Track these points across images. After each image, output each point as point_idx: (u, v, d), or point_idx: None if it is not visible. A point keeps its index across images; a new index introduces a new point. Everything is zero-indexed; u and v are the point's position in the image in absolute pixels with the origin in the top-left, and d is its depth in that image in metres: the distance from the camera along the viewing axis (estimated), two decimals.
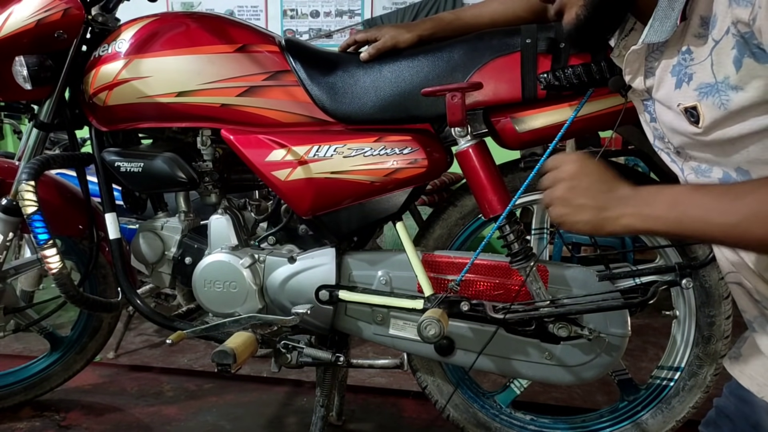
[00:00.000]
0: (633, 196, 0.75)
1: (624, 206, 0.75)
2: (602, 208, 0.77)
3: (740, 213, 0.66)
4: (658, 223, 0.73)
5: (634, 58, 0.83)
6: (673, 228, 0.72)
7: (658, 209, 0.73)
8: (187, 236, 1.44)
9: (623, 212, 0.75)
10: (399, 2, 3.42)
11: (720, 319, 1.29)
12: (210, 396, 1.86)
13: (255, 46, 1.29)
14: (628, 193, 0.76)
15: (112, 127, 1.39)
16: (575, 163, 0.80)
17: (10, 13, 1.32)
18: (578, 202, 0.78)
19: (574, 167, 0.80)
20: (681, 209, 0.71)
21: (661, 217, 0.72)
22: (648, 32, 0.76)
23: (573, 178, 0.79)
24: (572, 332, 1.20)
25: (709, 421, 0.89)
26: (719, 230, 0.68)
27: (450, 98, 1.12)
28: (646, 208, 0.74)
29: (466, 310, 1.24)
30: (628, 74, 0.86)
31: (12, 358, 2.08)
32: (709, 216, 0.68)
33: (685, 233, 0.72)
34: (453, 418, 1.45)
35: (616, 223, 0.76)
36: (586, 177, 0.79)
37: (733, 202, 0.67)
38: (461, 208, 1.37)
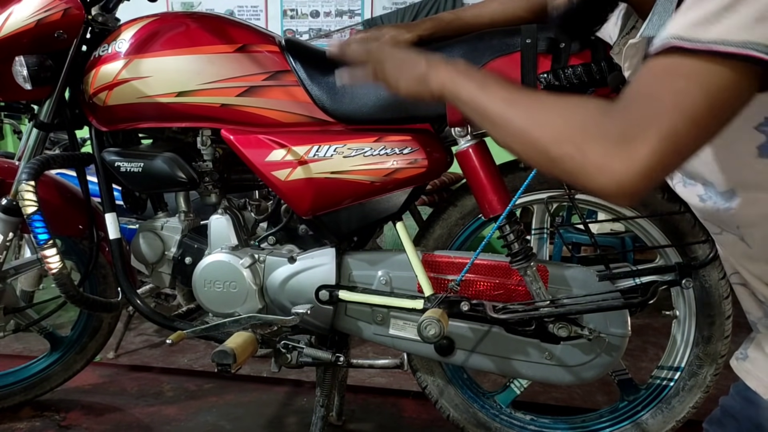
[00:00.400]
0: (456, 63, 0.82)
1: (445, 66, 0.82)
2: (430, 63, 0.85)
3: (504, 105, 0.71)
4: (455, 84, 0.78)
5: (633, 52, 0.83)
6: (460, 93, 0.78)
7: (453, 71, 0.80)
8: (187, 236, 1.44)
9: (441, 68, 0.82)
10: (399, 2, 3.42)
11: (720, 319, 1.29)
12: (210, 396, 1.86)
13: (255, 46, 1.29)
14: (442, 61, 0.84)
15: (112, 127, 1.39)
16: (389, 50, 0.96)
17: (10, 13, 1.32)
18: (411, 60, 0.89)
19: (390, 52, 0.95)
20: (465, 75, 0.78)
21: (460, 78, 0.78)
22: (647, 26, 0.76)
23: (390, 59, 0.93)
24: (572, 332, 1.20)
25: (713, 420, 0.89)
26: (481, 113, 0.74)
27: None
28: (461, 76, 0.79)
29: (466, 310, 1.24)
30: (628, 69, 0.86)
31: (12, 358, 2.08)
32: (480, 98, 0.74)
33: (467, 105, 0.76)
34: (453, 418, 1.45)
35: (437, 76, 0.82)
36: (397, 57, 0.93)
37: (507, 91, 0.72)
38: (461, 208, 1.37)
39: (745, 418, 0.83)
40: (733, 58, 0.57)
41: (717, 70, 0.58)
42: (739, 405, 0.84)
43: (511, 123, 0.69)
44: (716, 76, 0.58)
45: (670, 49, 0.60)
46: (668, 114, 0.59)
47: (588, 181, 0.63)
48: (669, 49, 0.60)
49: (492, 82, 0.75)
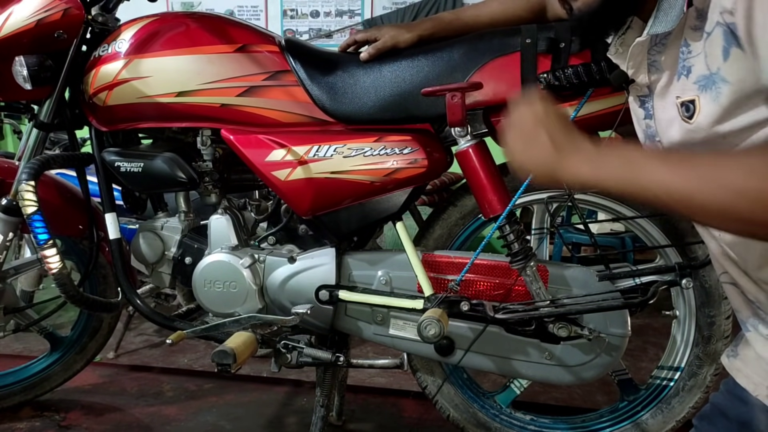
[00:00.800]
0: (590, 147, 0.73)
1: (579, 153, 0.72)
2: (560, 149, 0.73)
3: (697, 181, 0.63)
4: (610, 177, 0.70)
5: (638, 50, 0.82)
6: (625, 185, 0.69)
7: (612, 163, 0.70)
8: (187, 236, 1.44)
9: (578, 158, 0.72)
10: (399, 2, 3.42)
11: (720, 319, 1.29)
12: (210, 396, 1.86)
13: (255, 46, 1.29)
14: (586, 143, 0.73)
15: (112, 127, 1.39)
16: (542, 105, 0.78)
17: (10, 13, 1.32)
18: (540, 138, 0.75)
19: (542, 108, 0.77)
20: (636, 167, 0.68)
21: (614, 172, 0.69)
22: (653, 23, 0.76)
23: (541, 120, 0.76)
24: (572, 332, 1.19)
25: (703, 416, 0.89)
26: (673, 195, 0.65)
27: (450, 98, 1.12)
28: (601, 159, 0.71)
29: (466, 310, 1.24)
30: (631, 68, 0.85)
31: (12, 358, 2.08)
32: (665, 179, 0.65)
33: (636, 193, 0.68)
34: (453, 418, 1.45)
35: (568, 168, 0.73)
36: (552, 118, 0.76)
37: (691, 169, 0.64)
38: (461, 208, 1.37)
39: (734, 415, 0.83)
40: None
41: None
42: (728, 402, 0.85)
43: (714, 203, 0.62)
44: None
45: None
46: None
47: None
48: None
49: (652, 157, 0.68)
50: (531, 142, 0.76)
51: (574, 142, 0.74)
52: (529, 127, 0.77)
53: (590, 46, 1.11)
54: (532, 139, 0.76)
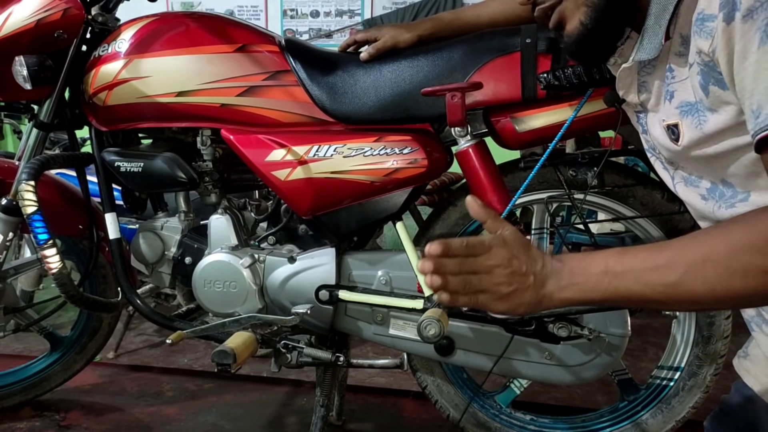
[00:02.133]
0: (563, 269, 0.71)
1: (558, 280, 0.70)
2: (540, 285, 0.71)
3: (677, 271, 0.63)
4: (594, 293, 0.69)
5: (626, 74, 0.84)
6: (611, 295, 0.68)
7: (591, 279, 0.69)
8: (187, 236, 1.44)
9: (558, 286, 0.70)
10: (399, 2, 3.42)
11: (720, 319, 1.29)
12: (210, 396, 1.86)
13: (255, 46, 1.29)
14: (557, 266, 0.71)
15: (112, 127, 1.39)
16: (503, 248, 0.72)
17: (10, 13, 1.32)
18: (520, 285, 0.71)
19: (504, 252, 0.71)
20: (613, 274, 0.67)
21: (596, 287, 0.68)
22: (638, 50, 0.77)
23: (509, 263, 0.71)
24: (572, 332, 1.20)
25: (713, 417, 0.90)
26: (658, 291, 0.65)
27: (450, 98, 1.12)
28: (579, 279, 0.69)
29: (466, 310, 1.24)
30: (621, 89, 0.87)
31: (12, 358, 2.08)
32: (644, 277, 0.65)
33: (623, 298, 0.68)
34: (453, 418, 1.45)
35: (553, 299, 0.71)
36: (518, 259, 0.71)
37: (667, 260, 0.64)
38: (461, 208, 1.37)
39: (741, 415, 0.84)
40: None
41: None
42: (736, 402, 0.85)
43: (704, 292, 0.61)
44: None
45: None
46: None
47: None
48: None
49: (640, 252, 0.67)
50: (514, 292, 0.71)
51: (547, 271, 0.71)
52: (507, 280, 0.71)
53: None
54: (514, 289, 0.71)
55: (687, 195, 0.83)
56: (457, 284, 0.72)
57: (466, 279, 0.71)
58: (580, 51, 0.83)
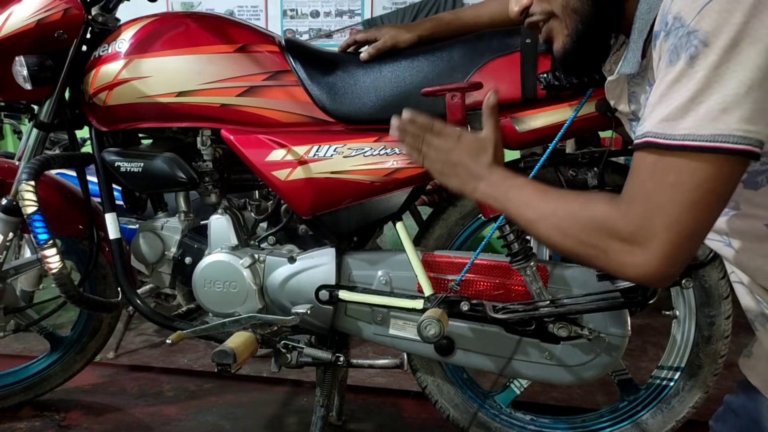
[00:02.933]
0: (489, 176, 0.93)
1: (479, 182, 0.94)
2: (466, 180, 0.96)
3: (534, 213, 0.82)
4: (495, 203, 0.91)
5: (614, 85, 0.86)
6: (499, 209, 0.93)
7: (497, 193, 0.90)
8: (187, 236, 1.44)
9: (477, 187, 0.94)
10: (399, 2, 3.42)
11: (720, 319, 1.29)
12: (210, 396, 1.86)
13: (255, 46, 1.29)
14: (486, 172, 0.94)
15: (112, 127, 1.39)
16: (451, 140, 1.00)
17: (10, 13, 1.32)
18: (449, 171, 0.99)
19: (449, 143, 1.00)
20: (507, 197, 0.88)
21: (497, 198, 0.90)
22: (623, 63, 0.79)
23: (448, 153, 0.99)
24: (572, 332, 1.20)
25: (718, 416, 0.91)
26: (522, 221, 0.85)
27: (450, 98, 1.12)
28: (492, 188, 0.92)
29: (466, 310, 1.24)
30: (611, 99, 0.89)
31: (12, 358, 2.08)
32: (519, 208, 0.85)
33: (509, 216, 0.90)
34: (453, 418, 1.45)
35: (474, 192, 0.95)
36: (456, 153, 0.98)
37: (535, 203, 0.83)
38: (461, 208, 1.37)
39: (745, 414, 0.84)
40: (707, 151, 0.61)
41: (698, 163, 0.63)
42: (740, 401, 0.85)
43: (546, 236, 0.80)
44: (699, 168, 0.63)
45: (651, 144, 0.65)
46: (668, 207, 0.65)
47: (620, 274, 0.72)
48: (649, 143, 0.66)
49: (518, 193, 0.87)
50: (445, 171, 1.00)
51: (480, 170, 0.95)
52: (450, 156, 0.99)
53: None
54: (447, 169, 1.00)
55: None
56: (410, 142, 1.05)
57: (420, 143, 1.03)
58: (568, 66, 0.94)
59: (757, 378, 0.82)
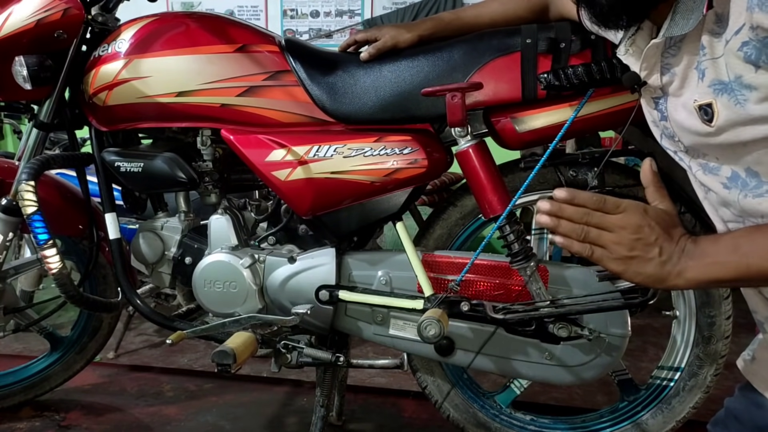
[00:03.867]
0: (694, 249, 0.72)
1: (686, 259, 0.72)
2: (666, 261, 0.72)
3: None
4: (722, 270, 0.70)
5: (653, 53, 0.81)
6: (739, 273, 0.69)
7: (720, 256, 0.70)
8: (187, 236, 1.44)
9: (686, 265, 0.72)
10: (399, 2, 3.42)
11: (720, 320, 1.29)
12: (210, 396, 1.86)
13: (255, 46, 1.29)
14: (689, 246, 0.73)
15: (112, 127, 1.38)
16: (638, 214, 0.74)
17: (10, 13, 1.32)
18: (643, 254, 0.73)
19: (638, 218, 0.74)
20: (743, 251, 0.68)
21: (725, 263, 0.70)
22: (669, 26, 0.75)
23: (638, 230, 0.73)
24: (572, 332, 1.19)
25: (717, 421, 0.88)
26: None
27: (450, 98, 1.12)
28: (708, 258, 0.71)
29: (466, 311, 1.24)
30: (645, 69, 0.83)
31: (12, 358, 2.08)
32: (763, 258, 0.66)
33: (753, 276, 0.69)
34: (453, 418, 1.45)
35: (679, 277, 0.72)
36: (653, 231, 0.73)
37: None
38: (461, 208, 1.37)
39: (749, 420, 0.82)
40: None
41: None
42: (743, 406, 0.84)
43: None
44: None
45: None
46: None
47: None
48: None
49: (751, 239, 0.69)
50: (639, 260, 0.73)
51: (678, 248, 0.73)
52: (633, 245, 0.73)
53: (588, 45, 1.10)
54: (639, 256, 0.73)
55: (708, 182, 0.80)
56: (570, 230, 0.74)
57: (585, 229, 0.74)
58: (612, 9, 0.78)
59: (761, 383, 0.81)
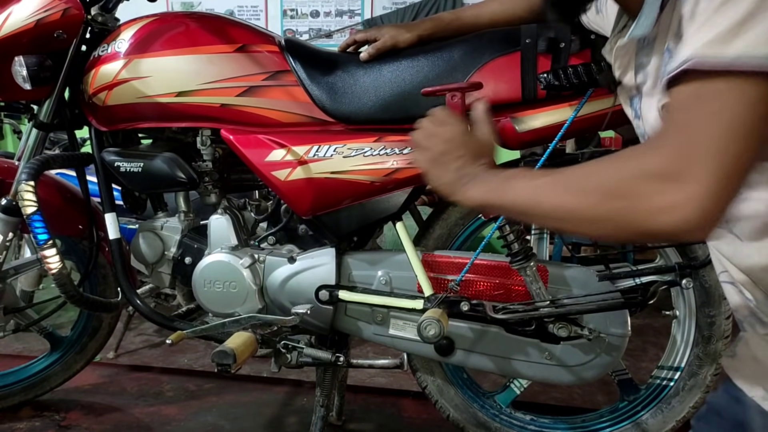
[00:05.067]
0: (484, 174, 0.81)
1: (476, 181, 0.81)
2: (461, 177, 0.83)
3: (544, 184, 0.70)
4: (492, 196, 0.77)
5: (623, 53, 0.83)
6: (504, 201, 0.76)
7: (494, 183, 0.78)
8: (187, 236, 1.44)
9: (472, 185, 0.81)
10: (399, 2, 3.42)
11: (720, 319, 1.29)
12: (210, 396, 1.86)
13: (255, 46, 1.29)
14: (482, 171, 0.82)
15: (112, 127, 1.38)
16: (453, 129, 0.89)
17: (10, 13, 1.32)
18: (446, 164, 0.85)
19: (452, 132, 0.88)
20: (513, 184, 0.75)
21: (495, 189, 0.77)
22: (636, 26, 0.76)
23: (449, 141, 0.87)
24: (572, 332, 1.20)
25: (700, 416, 0.89)
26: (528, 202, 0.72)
27: (450, 98, 1.12)
28: (488, 183, 0.79)
29: (466, 310, 1.24)
30: (618, 69, 0.86)
31: (12, 358, 2.08)
32: (522, 191, 0.73)
33: (509, 205, 0.76)
34: (453, 418, 1.45)
35: (464, 193, 0.81)
36: (460, 146, 0.86)
37: (542, 176, 0.71)
38: (461, 208, 1.36)
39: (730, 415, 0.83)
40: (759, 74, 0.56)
41: (746, 86, 0.57)
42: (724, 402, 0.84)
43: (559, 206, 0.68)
44: (747, 92, 0.57)
45: (692, 74, 0.59)
46: (712, 135, 0.58)
47: (652, 227, 0.60)
48: (690, 73, 0.59)
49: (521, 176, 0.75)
50: (440, 165, 0.86)
51: (473, 170, 0.83)
52: (439, 151, 0.87)
53: (588, 44, 1.10)
54: (441, 162, 0.86)
55: None
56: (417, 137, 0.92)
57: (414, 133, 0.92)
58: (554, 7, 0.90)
59: (741, 379, 0.81)
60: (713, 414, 0.86)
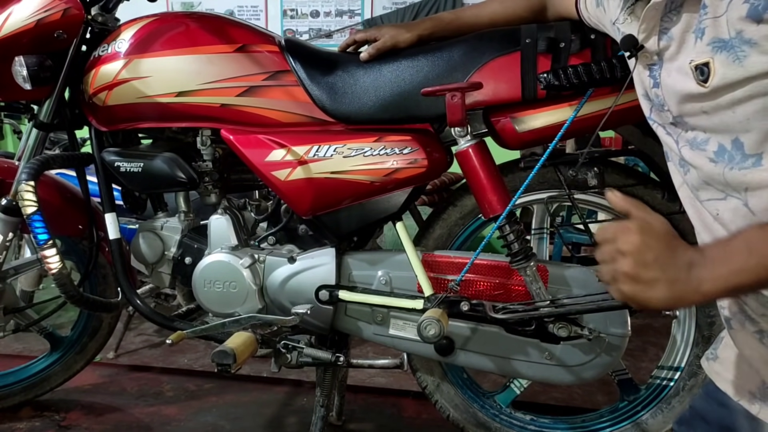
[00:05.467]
0: (702, 259, 0.65)
1: (698, 272, 0.65)
2: (675, 280, 0.66)
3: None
4: (741, 277, 0.63)
5: (652, 14, 0.79)
6: (760, 276, 0.63)
7: (735, 262, 0.63)
8: (187, 236, 1.44)
9: (700, 278, 0.65)
10: (399, 2, 3.42)
11: (720, 319, 1.29)
12: (210, 396, 1.86)
13: (255, 46, 1.29)
14: (696, 257, 0.66)
15: (112, 127, 1.39)
16: (637, 234, 0.67)
17: (10, 13, 1.32)
18: (648, 276, 0.66)
19: (637, 239, 0.67)
20: (761, 252, 0.62)
21: (743, 270, 0.63)
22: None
23: (638, 252, 0.67)
24: (572, 332, 1.20)
25: (683, 420, 0.88)
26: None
27: (450, 98, 1.12)
28: (723, 267, 0.64)
29: (466, 310, 1.24)
30: (643, 32, 0.81)
31: (12, 358, 2.08)
32: None
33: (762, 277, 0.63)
34: (453, 418, 1.45)
35: (696, 293, 0.65)
36: (651, 249, 0.67)
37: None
38: (461, 208, 1.36)
39: (715, 420, 0.82)
40: None
41: None
42: (709, 406, 0.83)
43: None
44: None
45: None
46: None
47: None
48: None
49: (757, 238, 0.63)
50: (644, 284, 0.66)
51: (685, 263, 0.66)
52: (634, 270, 0.67)
53: (588, 44, 1.10)
54: (644, 281, 0.66)
55: (694, 158, 0.78)
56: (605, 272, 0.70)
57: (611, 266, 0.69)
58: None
59: (725, 383, 0.80)
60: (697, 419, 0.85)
